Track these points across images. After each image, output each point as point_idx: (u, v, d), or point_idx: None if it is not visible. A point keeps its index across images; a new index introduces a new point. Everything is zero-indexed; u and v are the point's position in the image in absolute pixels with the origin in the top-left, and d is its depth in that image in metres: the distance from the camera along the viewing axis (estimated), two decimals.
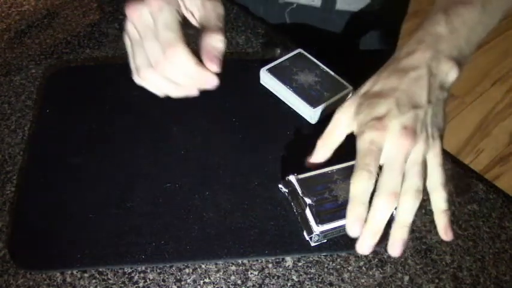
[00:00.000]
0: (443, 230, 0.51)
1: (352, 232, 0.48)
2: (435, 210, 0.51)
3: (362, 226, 0.48)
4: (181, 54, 0.47)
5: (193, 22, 0.51)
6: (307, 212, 0.56)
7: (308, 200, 0.56)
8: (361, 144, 0.49)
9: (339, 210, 0.55)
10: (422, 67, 0.49)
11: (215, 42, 0.48)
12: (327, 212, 0.55)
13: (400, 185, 0.47)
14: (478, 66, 2.07)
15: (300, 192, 0.57)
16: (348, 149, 0.58)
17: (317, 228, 0.55)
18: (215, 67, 0.48)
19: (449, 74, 0.51)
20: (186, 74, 0.49)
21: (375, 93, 0.51)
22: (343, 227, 0.54)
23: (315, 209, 0.56)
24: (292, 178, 0.58)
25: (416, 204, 0.47)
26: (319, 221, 0.55)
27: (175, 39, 0.47)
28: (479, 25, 0.52)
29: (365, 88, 0.53)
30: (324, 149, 0.56)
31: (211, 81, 0.50)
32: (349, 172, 0.58)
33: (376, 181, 0.48)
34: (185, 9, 0.50)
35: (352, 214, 0.48)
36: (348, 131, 0.54)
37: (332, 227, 0.55)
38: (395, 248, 0.48)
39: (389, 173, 0.47)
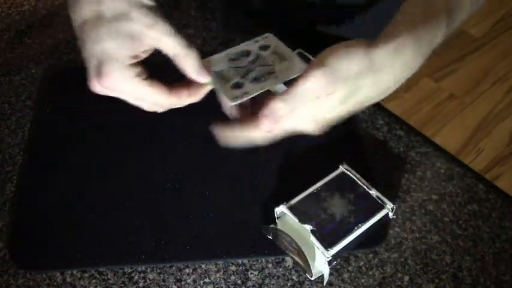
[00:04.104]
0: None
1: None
2: None
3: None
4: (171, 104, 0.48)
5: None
6: (312, 239, 0.52)
7: (308, 226, 0.53)
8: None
9: (341, 228, 0.54)
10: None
11: (191, 65, 0.47)
12: (330, 233, 0.53)
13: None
14: (478, 66, 2.07)
15: (296, 220, 0.54)
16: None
17: (328, 253, 0.52)
18: (204, 79, 0.48)
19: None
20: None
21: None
22: (350, 244, 0.53)
23: (318, 234, 0.53)
24: (282, 208, 0.55)
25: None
26: (327, 244, 0.52)
27: (153, 99, 0.47)
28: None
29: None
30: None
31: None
32: (334, 185, 0.57)
33: None
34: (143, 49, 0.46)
35: (232, 136, 0.47)
36: None
37: (341, 247, 0.52)
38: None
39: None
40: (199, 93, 0.49)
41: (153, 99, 0.46)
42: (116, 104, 0.71)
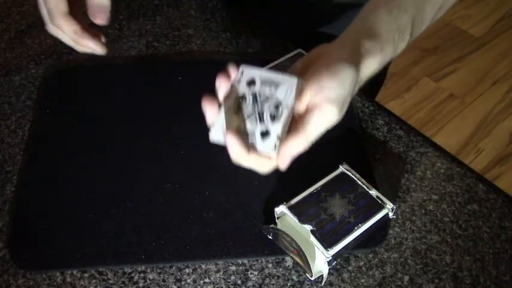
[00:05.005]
0: None
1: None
2: None
3: None
4: (63, 25, 0.52)
5: None
6: (312, 239, 0.53)
7: (308, 226, 0.54)
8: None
9: (341, 228, 0.54)
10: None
11: (97, 1, 0.51)
12: (330, 233, 0.54)
13: None
14: (478, 66, 2.07)
15: (296, 220, 0.54)
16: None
17: (328, 253, 0.52)
18: (101, 20, 0.52)
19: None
20: (71, 40, 0.54)
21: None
22: (350, 244, 0.54)
23: (318, 234, 0.53)
24: (282, 208, 0.55)
25: None
26: (327, 245, 0.53)
27: (55, 13, 0.52)
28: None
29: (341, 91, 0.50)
30: None
31: (92, 46, 0.54)
32: (334, 185, 0.57)
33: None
34: None
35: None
36: None
37: (341, 247, 0.53)
38: None
39: None
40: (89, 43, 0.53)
41: (65, 28, 0.52)
42: (117, 104, 0.71)
